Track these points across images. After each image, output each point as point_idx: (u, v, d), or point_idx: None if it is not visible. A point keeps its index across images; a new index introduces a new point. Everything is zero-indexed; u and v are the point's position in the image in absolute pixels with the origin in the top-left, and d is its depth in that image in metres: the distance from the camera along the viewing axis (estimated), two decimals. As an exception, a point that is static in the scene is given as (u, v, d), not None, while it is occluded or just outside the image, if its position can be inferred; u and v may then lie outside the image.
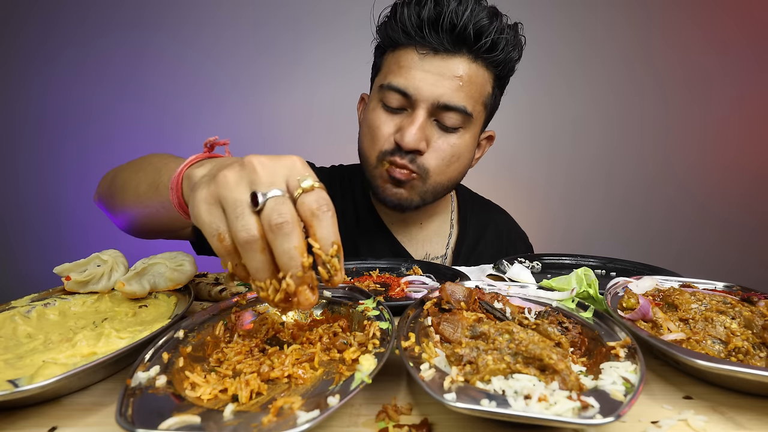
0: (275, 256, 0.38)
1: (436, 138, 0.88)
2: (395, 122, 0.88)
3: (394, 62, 0.88)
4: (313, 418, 0.30)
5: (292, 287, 0.38)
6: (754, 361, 0.44)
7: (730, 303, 0.55)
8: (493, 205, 1.26)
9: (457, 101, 0.84)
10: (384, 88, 0.88)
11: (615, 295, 0.60)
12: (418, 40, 0.83)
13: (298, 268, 0.37)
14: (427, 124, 0.86)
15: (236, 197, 0.38)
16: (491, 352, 0.39)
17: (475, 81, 0.86)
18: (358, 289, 0.58)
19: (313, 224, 0.39)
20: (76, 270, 0.62)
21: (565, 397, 0.33)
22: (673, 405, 0.40)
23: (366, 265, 0.90)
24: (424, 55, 0.84)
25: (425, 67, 0.84)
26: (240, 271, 0.40)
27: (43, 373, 0.38)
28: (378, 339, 0.44)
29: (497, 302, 0.54)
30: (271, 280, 0.39)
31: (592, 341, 0.47)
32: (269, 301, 0.39)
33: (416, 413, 0.38)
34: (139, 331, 0.49)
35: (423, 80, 0.83)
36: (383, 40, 0.92)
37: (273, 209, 0.37)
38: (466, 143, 0.91)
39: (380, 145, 0.89)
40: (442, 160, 0.89)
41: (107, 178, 0.87)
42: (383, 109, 0.89)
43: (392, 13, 0.88)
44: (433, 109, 0.85)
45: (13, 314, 0.54)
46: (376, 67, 0.97)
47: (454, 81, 0.84)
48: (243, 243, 0.37)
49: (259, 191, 0.38)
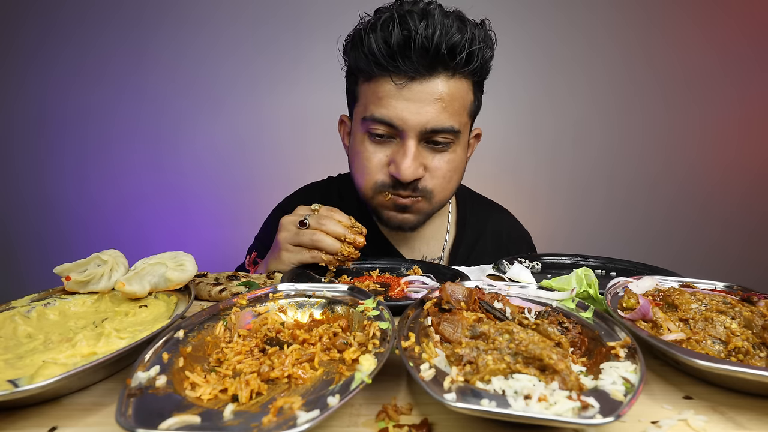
0: (330, 232, 0.80)
1: (430, 160, 0.88)
2: (385, 152, 0.88)
3: (371, 93, 0.86)
4: (313, 418, 0.30)
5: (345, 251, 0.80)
6: (754, 361, 0.44)
7: (730, 303, 0.55)
8: (495, 205, 1.26)
9: (443, 123, 0.84)
10: (368, 120, 0.86)
11: (615, 295, 0.60)
12: (392, 70, 0.81)
13: (344, 232, 0.80)
14: (419, 150, 0.86)
15: (292, 229, 0.83)
16: (491, 352, 0.39)
17: (456, 96, 0.85)
18: (358, 289, 0.58)
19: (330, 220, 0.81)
20: (76, 270, 0.62)
21: (565, 397, 0.33)
22: (673, 405, 0.40)
23: (366, 265, 0.90)
24: (402, 84, 0.82)
25: (405, 96, 0.82)
26: None
27: (43, 373, 0.38)
28: (378, 339, 0.44)
29: (497, 302, 0.54)
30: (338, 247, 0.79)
31: (592, 341, 0.47)
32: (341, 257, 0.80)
33: (416, 413, 0.38)
34: (139, 331, 0.49)
35: (406, 110, 0.82)
36: (354, 70, 0.89)
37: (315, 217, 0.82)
38: (459, 156, 0.93)
39: (374, 177, 0.90)
40: (443, 179, 0.90)
41: None
42: (370, 140, 0.89)
43: (358, 42, 0.84)
44: (421, 135, 0.85)
45: (13, 314, 0.54)
46: (351, 94, 0.95)
47: (437, 104, 0.82)
48: (320, 241, 0.79)
49: (300, 220, 0.82)
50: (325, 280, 0.78)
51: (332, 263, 0.81)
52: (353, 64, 0.89)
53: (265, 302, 0.56)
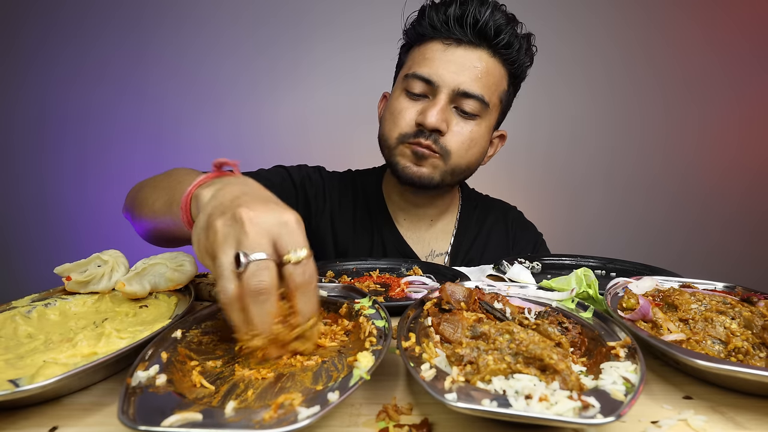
0: (249, 315, 0.40)
1: (455, 123, 0.94)
2: (417, 108, 0.94)
3: (419, 55, 0.95)
4: (314, 413, 0.31)
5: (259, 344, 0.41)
6: (754, 361, 0.44)
7: (730, 303, 0.55)
8: (500, 202, 1.27)
9: (476, 89, 0.91)
10: (408, 77, 0.94)
11: (615, 295, 0.60)
12: (444, 33, 0.91)
13: (267, 332, 0.40)
14: (448, 109, 0.92)
15: (221, 259, 0.40)
16: (492, 353, 0.39)
17: (492, 74, 0.93)
18: (354, 288, 0.58)
19: (296, 296, 0.41)
20: (76, 270, 0.62)
21: (566, 397, 0.34)
22: (673, 405, 0.40)
23: (366, 266, 0.90)
24: (448, 45, 0.91)
25: (448, 57, 0.91)
26: None
27: (44, 373, 0.38)
28: (375, 337, 0.45)
29: (497, 302, 0.54)
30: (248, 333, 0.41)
31: (592, 341, 0.47)
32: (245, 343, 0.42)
33: (416, 413, 0.38)
34: (140, 331, 0.49)
35: (446, 68, 0.90)
36: (410, 37, 0.99)
37: (253, 274, 0.39)
38: (482, 132, 0.97)
39: (401, 128, 0.94)
40: (462, 144, 0.94)
41: (132, 191, 0.91)
42: (406, 95, 0.95)
43: (420, 13, 0.96)
44: (453, 95, 0.91)
45: (13, 314, 0.54)
46: (400, 63, 1.03)
47: (474, 71, 0.90)
48: (222, 302, 0.40)
49: (243, 252, 0.39)
50: (325, 280, 0.78)
51: None
52: (411, 33, 0.98)
53: None
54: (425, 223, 1.12)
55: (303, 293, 0.41)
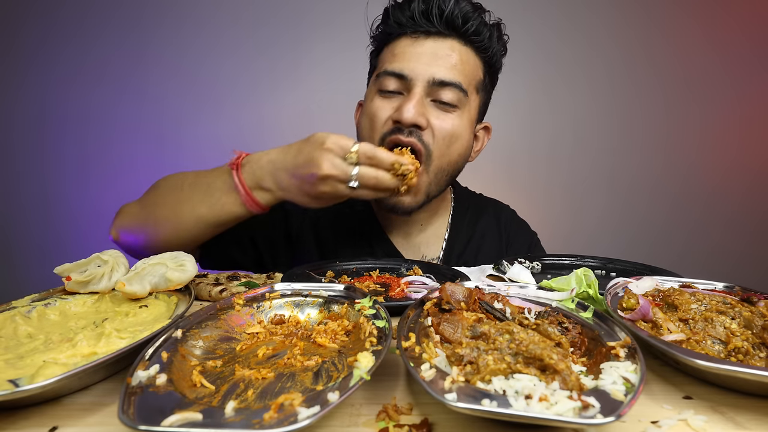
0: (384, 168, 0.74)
1: (434, 117, 0.90)
2: (392, 105, 0.90)
3: (388, 53, 0.93)
4: (314, 413, 0.31)
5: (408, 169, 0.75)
6: (754, 361, 0.44)
7: (730, 303, 0.55)
8: (493, 202, 1.25)
9: (452, 77, 0.88)
10: (380, 76, 0.91)
11: (615, 295, 0.60)
12: (411, 27, 0.89)
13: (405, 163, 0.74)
14: (425, 103, 0.89)
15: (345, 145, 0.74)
16: (492, 353, 0.39)
17: (467, 62, 0.91)
18: (354, 289, 0.58)
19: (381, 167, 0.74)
20: (76, 270, 0.62)
21: (566, 396, 0.34)
22: (673, 405, 0.40)
23: (366, 266, 0.90)
24: (417, 38, 0.89)
25: (418, 50, 0.89)
26: None
27: (44, 373, 0.38)
28: (375, 337, 0.45)
29: (497, 302, 0.54)
30: None
31: (592, 341, 0.47)
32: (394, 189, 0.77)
33: (416, 413, 0.38)
34: (140, 331, 0.49)
35: (417, 60, 0.88)
36: (378, 40, 0.96)
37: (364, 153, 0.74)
38: (464, 125, 0.93)
39: (379, 130, 0.91)
40: (443, 139, 0.90)
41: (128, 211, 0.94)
42: (380, 95, 0.92)
43: (384, 14, 0.95)
44: (429, 87, 0.88)
45: (13, 314, 0.54)
46: (372, 69, 1.00)
47: (448, 59, 0.88)
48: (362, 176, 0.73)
49: None
50: (325, 281, 0.78)
51: None
52: (378, 36, 0.96)
53: (261, 302, 0.56)
54: (416, 228, 1.08)
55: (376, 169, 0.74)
